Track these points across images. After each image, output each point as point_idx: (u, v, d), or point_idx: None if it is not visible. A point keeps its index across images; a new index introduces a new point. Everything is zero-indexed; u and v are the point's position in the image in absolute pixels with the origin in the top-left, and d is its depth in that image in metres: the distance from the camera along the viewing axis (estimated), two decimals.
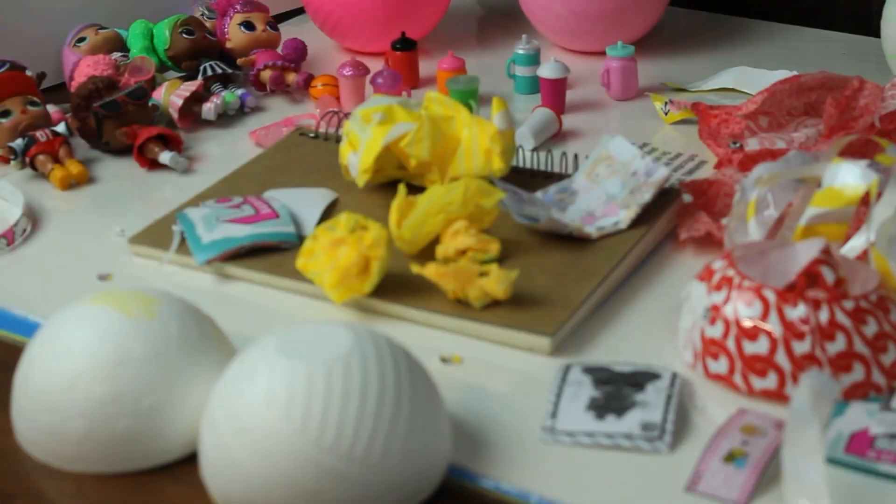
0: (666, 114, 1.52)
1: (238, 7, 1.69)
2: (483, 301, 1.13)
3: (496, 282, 1.12)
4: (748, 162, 1.33)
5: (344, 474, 0.88)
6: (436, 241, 1.20)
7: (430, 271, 1.14)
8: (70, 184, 1.42)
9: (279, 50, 1.69)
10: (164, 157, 1.44)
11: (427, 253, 1.20)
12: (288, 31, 1.78)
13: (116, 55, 1.62)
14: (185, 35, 1.64)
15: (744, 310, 1.02)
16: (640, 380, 1.03)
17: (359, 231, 1.14)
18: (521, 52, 1.61)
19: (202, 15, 1.75)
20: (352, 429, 0.88)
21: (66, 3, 1.70)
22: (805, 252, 1.08)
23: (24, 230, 1.33)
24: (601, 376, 1.04)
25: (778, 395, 1.01)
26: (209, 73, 1.61)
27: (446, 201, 1.19)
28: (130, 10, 1.74)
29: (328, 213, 1.29)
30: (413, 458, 0.91)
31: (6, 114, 1.46)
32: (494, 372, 1.09)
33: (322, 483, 0.88)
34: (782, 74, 1.59)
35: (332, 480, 0.88)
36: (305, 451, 0.88)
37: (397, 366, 0.92)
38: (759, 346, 1.01)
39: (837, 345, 1.00)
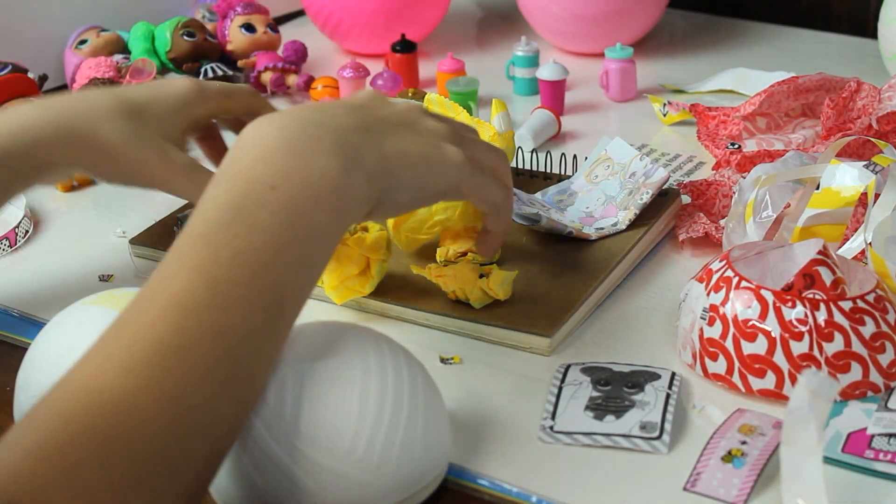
0: (664, 115, 1.53)
1: (238, 9, 1.69)
2: (483, 301, 1.13)
3: (496, 282, 1.12)
4: (746, 163, 1.33)
5: (344, 475, 0.88)
6: (436, 242, 1.21)
7: (429, 272, 1.14)
8: (72, 185, 1.43)
9: (280, 52, 1.69)
10: None
11: (427, 254, 1.20)
12: (288, 33, 1.78)
13: (118, 57, 1.62)
14: (185, 37, 1.64)
15: (742, 310, 1.02)
16: (638, 380, 1.04)
17: (359, 233, 1.14)
18: (520, 53, 1.61)
19: (203, 17, 1.76)
20: (352, 430, 0.88)
21: (68, 6, 1.71)
22: (803, 253, 1.08)
23: (26, 232, 1.34)
24: (600, 376, 1.04)
25: (776, 395, 1.02)
26: (210, 74, 1.61)
27: (447, 203, 1.19)
28: (132, 12, 1.74)
29: None
30: (413, 459, 0.91)
31: None
32: (494, 372, 1.09)
33: (322, 483, 0.88)
34: (780, 76, 1.59)
35: (331, 481, 0.88)
36: (305, 452, 0.88)
37: (398, 366, 0.92)
38: (758, 347, 1.01)
39: (835, 345, 1.00)
